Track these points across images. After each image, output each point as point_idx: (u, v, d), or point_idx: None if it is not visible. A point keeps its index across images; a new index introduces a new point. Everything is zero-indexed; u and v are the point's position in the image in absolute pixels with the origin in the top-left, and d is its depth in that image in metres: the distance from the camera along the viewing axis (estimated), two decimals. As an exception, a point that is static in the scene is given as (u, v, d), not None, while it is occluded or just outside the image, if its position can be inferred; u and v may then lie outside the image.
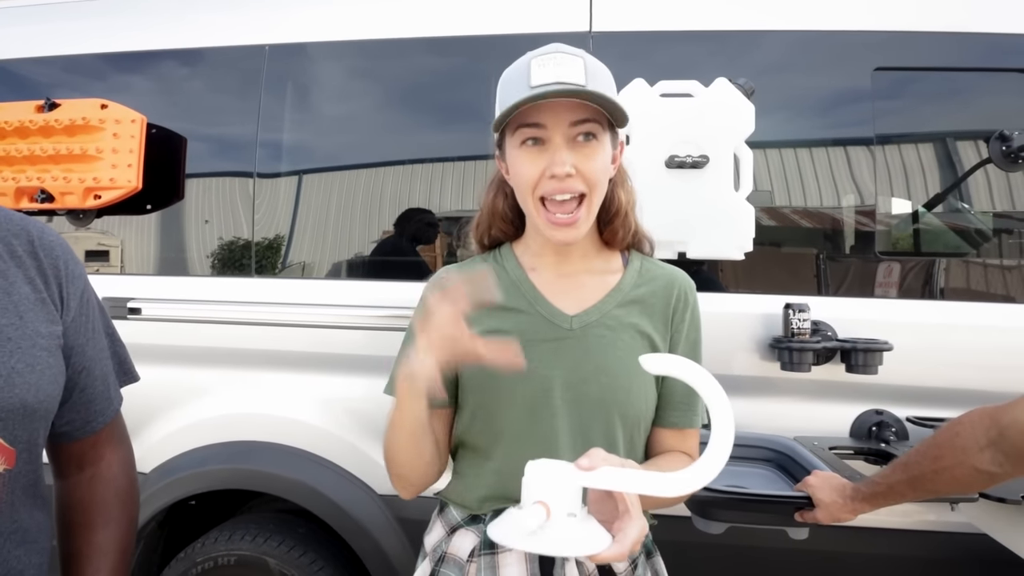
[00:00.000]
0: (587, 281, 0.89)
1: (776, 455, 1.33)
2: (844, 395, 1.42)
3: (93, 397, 0.77)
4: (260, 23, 1.70)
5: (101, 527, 0.77)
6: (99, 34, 1.75)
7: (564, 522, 0.60)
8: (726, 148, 1.38)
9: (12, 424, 0.63)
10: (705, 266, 1.48)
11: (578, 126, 0.79)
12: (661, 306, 0.88)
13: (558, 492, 0.61)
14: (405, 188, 1.65)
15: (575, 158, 0.79)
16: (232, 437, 1.62)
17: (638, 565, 0.86)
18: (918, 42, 1.46)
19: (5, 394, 0.62)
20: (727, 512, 1.14)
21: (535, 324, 0.86)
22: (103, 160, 1.58)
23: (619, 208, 0.89)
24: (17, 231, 0.70)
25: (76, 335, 0.73)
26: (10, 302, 0.66)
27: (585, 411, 0.84)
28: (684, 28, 1.53)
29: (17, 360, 0.64)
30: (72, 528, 0.76)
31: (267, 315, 1.59)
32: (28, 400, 0.64)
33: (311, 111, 1.70)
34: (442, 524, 0.91)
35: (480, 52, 1.60)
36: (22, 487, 0.66)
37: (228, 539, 1.58)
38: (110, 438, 0.81)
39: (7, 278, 0.67)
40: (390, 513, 1.55)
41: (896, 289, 1.46)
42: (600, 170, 0.81)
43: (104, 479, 0.79)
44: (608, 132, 0.83)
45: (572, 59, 0.80)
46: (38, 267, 0.70)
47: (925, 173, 1.49)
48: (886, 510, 1.08)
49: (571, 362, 0.84)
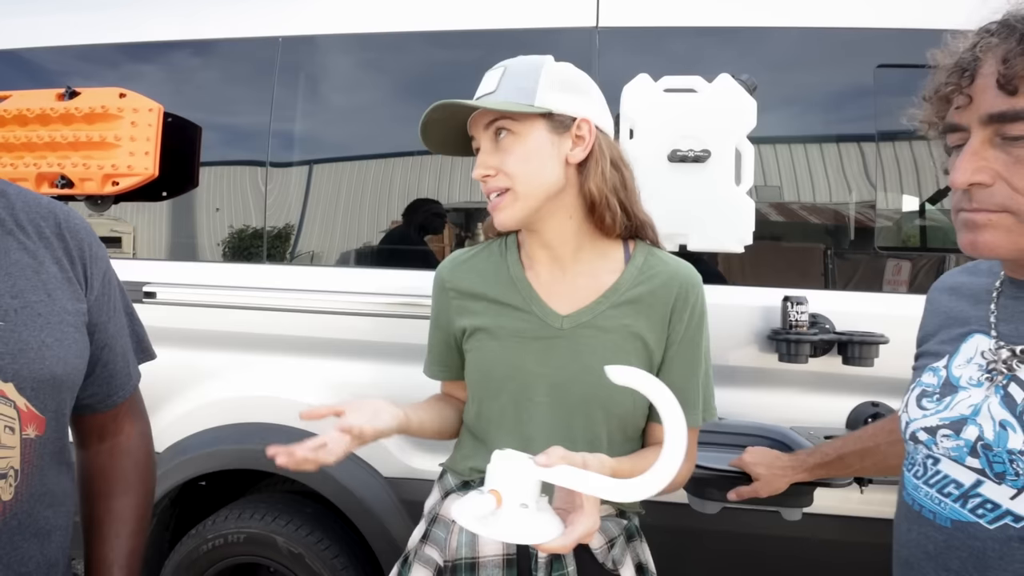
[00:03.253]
0: (583, 281, 0.91)
1: (772, 443, 1.35)
2: (841, 387, 1.45)
3: (114, 372, 0.81)
4: (274, 15, 1.74)
5: (120, 495, 0.81)
6: (119, 24, 1.80)
7: (514, 511, 0.64)
8: (728, 143, 1.40)
9: (42, 394, 0.68)
10: (705, 258, 1.51)
11: (490, 127, 0.87)
12: (659, 305, 0.89)
13: (513, 483, 0.65)
14: (414, 178, 1.69)
15: (495, 157, 0.86)
16: (243, 419, 1.67)
17: (615, 544, 0.91)
18: (920, 40, 1.48)
19: (36, 366, 0.67)
20: (714, 491, 1.17)
21: (528, 322, 0.90)
22: (121, 147, 1.63)
23: (593, 196, 0.87)
24: (45, 214, 0.74)
25: (99, 313, 0.77)
26: (39, 280, 0.70)
27: (569, 409, 0.88)
28: (689, 24, 1.56)
29: (47, 335, 0.68)
30: (93, 495, 0.81)
31: (278, 301, 1.63)
32: (57, 372, 0.69)
33: (323, 102, 1.74)
34: (439, 489, 0.99)
35: (489, 46, 1.63)
36: (50, 453, 0.70)
37: (238, 517, 1.63)
38: (129, 412, 0.86)
39: (36, 258, 0.71)
40: (394, 495, 1.59)
41: (893, 283, 1.48)
42: (519, 161, 0.85)
43: (123, 450, 0.84)
44: (535, 122, 0.85)
45: (493, 71, 0.89)
46: (64, 248, 0.74)
47: (925, 170, 1.52)
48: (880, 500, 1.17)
49: (559, 362, 0.88)
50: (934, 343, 0.77)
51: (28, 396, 0.66)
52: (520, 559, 0.86)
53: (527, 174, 0.85)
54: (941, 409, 0.69)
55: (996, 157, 0.60)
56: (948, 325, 0.76)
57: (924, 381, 0.74)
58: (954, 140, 0.65)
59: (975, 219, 0.62)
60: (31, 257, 0.70)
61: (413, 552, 0.94)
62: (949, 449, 0.67)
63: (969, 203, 0.62)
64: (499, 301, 0.92)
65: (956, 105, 0.63)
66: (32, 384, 0.66)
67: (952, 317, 0.76)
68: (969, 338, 0.71)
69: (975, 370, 0.68)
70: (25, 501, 0.67)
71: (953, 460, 0.67)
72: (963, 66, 0.61)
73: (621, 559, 0.91)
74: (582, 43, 1.58)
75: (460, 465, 0.96)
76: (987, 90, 0.59)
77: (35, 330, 0.67)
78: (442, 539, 0.91)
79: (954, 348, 0.73)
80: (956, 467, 0.66)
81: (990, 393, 0.65)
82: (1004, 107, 0.58)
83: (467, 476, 0.94)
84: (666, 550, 1.10)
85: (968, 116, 0.62)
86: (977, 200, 0.61)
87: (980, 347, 0.69)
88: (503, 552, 0.86)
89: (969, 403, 0.67)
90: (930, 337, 0.79)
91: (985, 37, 0.61)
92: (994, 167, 0.60)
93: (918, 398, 0.73)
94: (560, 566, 0.86)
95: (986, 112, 0.60)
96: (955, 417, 0.67)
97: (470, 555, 0.87)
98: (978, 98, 0.61)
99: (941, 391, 0.71)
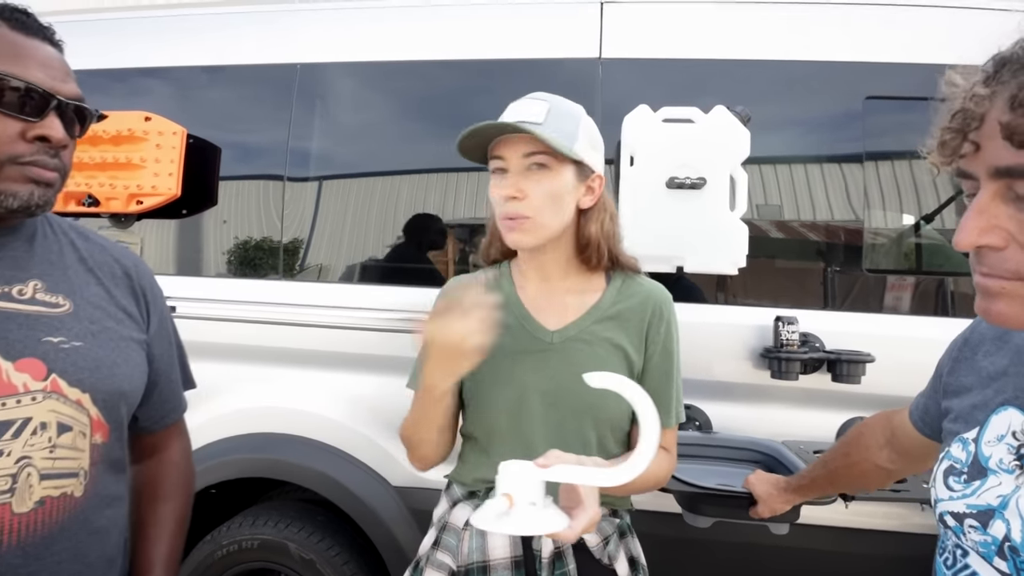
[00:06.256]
0: (570, 300, 1.01)
1: (764, 457, 1.42)
2: (830, 403, 1.51)
3: (167, 398, 0.93)
4: (292, 45, 1.83)
5: (164, 501, 0.92)
6: (148, 49, 1.90)
7: (526, 509, 0.74)
8: (723, 171, 1.49)
9: (110, 406, 0.78)
10: (700, 280, 1.59)
11: (529, 157, 0.92)
12: (636, 320, 0.99)
13: (521, 485, 0.75)
14: (420, 197, 1.77)
15: (525, 183, 0.92)
16: (257, 429, 1.74)
17: (610, 542, 0.99)
18: (905, 73, 1.56)
19: (108, 381, 0.77)
20: (708, 507, 1.25)
21: (521, 338, 0.99)
22: (146, 168, 1.71)
23: (589, 240, 0.98)
24: (118, 256, 0.87)
25: (156, 345, 0.89)
26: (115, 310, 0.82)
27: (562, 416, 0.96)
28: (687, 56, 1.64)
29: (118, 355, 0.79)
30: (141, 501, 0.91)
31: (293, 316, 1.71)
32: (124, 388, 0.80)
33: (338, 125, 1.83)
34: (447, 499, 1.06)
35: (497, 75, 1.72)
36: (111, 459, 0.80)
37: (252, 524, 1.69)
38: (176, 432, 0.97)
39: (109, 292, 0.83)
40: (403, 503, 1.66)
41: (881, 303, 1.56)
42: (546, 195, 0.92)
43: (169, 464, 0.95)
44: (568, 165, 0.93)
45: (538, 103, 0.94)
46: (130, 287, 0.86)
47: (911, 195, 1.59)
48: (870, 512, 1.24)
49: (551, 372, 0.96)
50: (966, 404, 0.71)
51: (99, 407, 0.76)
52: (526, 560, 0.94)
53: (550, 210, 0.93)
54: (969, 494, 0.63)
55: (1009, 215, 0.51)
56: (982, 385, 0.69)
57: (953, 454, 0.68)
58: (968, 187, 0.56)
59: (988, 286, 0.54)
60: (105, 291, 0.83)
61: (424, 558, 1.01)
62: (977, 544, 0.61)
63: (980, 266, 0.54)
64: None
65: (962, 153, 0.54)
66: (103, 397, 0.76)
67: (989, 376, 0.69)
68: (1001, 410, 0.64)
69: (1005, 452, 0.62)
70: (92, 498, 0.76)
71: (982, 557, 0.61)
72: (968, 108, 0.53)
73: (615, 554, 0.99)
74: (586, 73, 1.66)
75: (465, 477, 1.03)
76: (994, 138, 0.51)
77: (108, 351, 0.78)
78: (453, 545, 0.97)
79: (984, 418, 0.66)
80: (985, 565, 0.61)
81: (1020, 484, 0.59)
82: (1011, 161, 0.50)
83: (472, 487, 1.02)
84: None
85: (976, 165, 0.53)
86: (988, 264, 0.53)
87: (1012, 425, 0.62)
88: (511, 555, 0.94)
89: (998, 493, 0.60)
90: (963, 392, 0.72)
91: (995, 72, 0.52)
92: (1006, 227, 0.51)
93: (945, 474, 0.67)
94: (562, 564, 0.94)
95: (993, 165, 0.51)
96: (983, 506, 0.61)
97: (481, 559, 0.94)
98: (985, 145, 0.52)
99: (969, 471, 0.64)
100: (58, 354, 0.73)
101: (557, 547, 0.94)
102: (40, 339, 0.72)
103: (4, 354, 0.69)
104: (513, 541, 0.94)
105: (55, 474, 0.71)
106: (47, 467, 0.70)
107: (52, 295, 0.76)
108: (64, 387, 0.72)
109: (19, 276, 0.74)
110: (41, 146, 0.71)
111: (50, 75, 0.72)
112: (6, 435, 0.68)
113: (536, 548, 0.94)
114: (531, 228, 0.93)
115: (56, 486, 0.71)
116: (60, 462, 0.72)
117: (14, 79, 0.69)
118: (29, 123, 0.70)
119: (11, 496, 0.67)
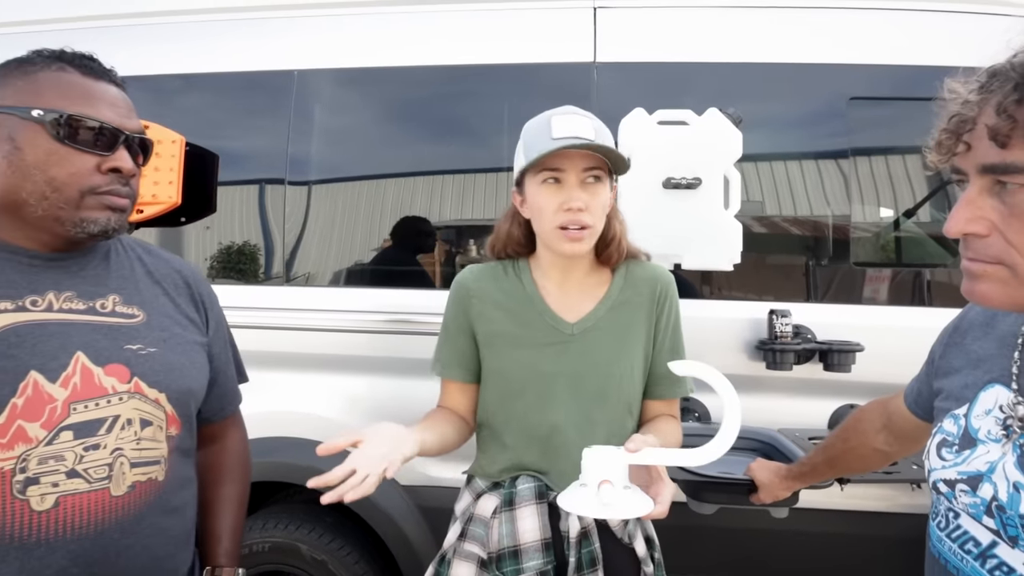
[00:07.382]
0: (583, 293, 1.10)
1: (762, 445, 1.48)
2: (822, 391, 1.58)
3: (225, 392, 1.02)
4: (288, 52, 1.85)
5: (226, 483, 1.02)
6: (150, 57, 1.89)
7: (622, 493, 0.79)
8: (717, 171, 1.54)
9: (181, 403, 0.87)
10: (697, 277, 1.64)
11: (589, 171, 1.00)
12: (645, 303, 1.09)
13: (614, 471, 0.79)
14: (408, 201, 1.80)
15: (585, 195, 0.99)
16: (264, 434, 1.75)
17: (629, 522, 1.06)
18: (887, 74, 1.63)
19: (179, 382, 0.86)
20: (711, 494, 1.30)
21: (544, 331, 1.07)
22: (146, 177, 1.70)
23: (614, 235, 1.09)
24: (179, 267, 0.96)
25: (214, 346, 0.98)
26: (180, 317, 0.92)
27: (585, 400, 1.05)
28: (680, 60, 1.69)
29: (186, 359, 0.89)
30: (206, 484, 0.99)
31: (298, 320, 1.73)
32: (192, 387, 0.89)
33: (334, 131, 1.84)
34: (469, 493, 1.11)
35: (494, 80, 1.75)
36: (183, 448, 0.89)
37: (262, 527, 1.71)
38: (233, 422, 1.07)
39: (175, 302, 0.92)
40: (412, 502, 1.69)
41: (868, 295, 1.63)
42: (602, 206, 1.03)
43: (229, 450, 1.05)
44: (608, 177, 1.04)
45: (584, 119, 1.01)
46: (190, 296, 0.96)
47: (896, 190, 1.66)
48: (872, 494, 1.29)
49: (573, 361, 1.05)
50: (956, 383, 0.77)
51: (173, 404, 0.86)
52: (555, 541, 1.00)
53: (602, 218, 1.04)
54: (959, 462, 0.69)
55: (993, 207, 0.59)
56: (971, 367, 0.75)
57: (945, 428, 0.73)
58: (962, 184, 0.64)
59: (973, 269, 0.61)
60: (171, 301, 0.92)
61: (452, 550, 1.05)
62: (967, 506, 0.66)
63: (967, 251, 0.62)
64: (517, 314, 1.09)
65: (955, 151, 0.62)
66: (176, 395, 0.86)
67: (978, 359, 0.75)
68: (989, 388, 0.70)
69: (993, 423, 0.67)
70: (170, 482, 0.85)
71: (972, 517, 0.66)
72: (962, 113, 0.60)
73: (634, 534, 1.06)
74: (581, 77, 1.70)
75: (489, 468, 1.09)
76: (983, 139, 0.58)
77: (178, 355, 0.88)
78: (482, 535, 1.02)
79: (973, 395, 0.72)
80: (974, 524, 0.66)
81: (1007, 451, 0.65)
82: (996, 159, 0.57)
83: (497, 477, 1.07)
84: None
85: (967, 162, 0.61)
86: (973, 250, 0.61)
87: (999, 400, 0.69)
88: (540, 537, 1.00)
89: (986, 459, 0.66)
90: (953, 373, 0.78)
91: (986, 81, 0.59)
92: (990, 217, 0.59)
93: (938, 447, 0.73)
94: (588, 543, 1.00)
95: (980, 163, 0.59)
96: (972, 472, 0.67)
97: (512, 543, 0.99)
98: (975, 145, 0.59)
99: (960, 442, 0.70)
100: (138, 360, 0.82)
101: (583, 527, 0.99)
102: (122, 347, 0.82)
103: (94, 360, 0.79)
104: (543, 524, 1.00)
105: (142, 462, 0.81)
106: (136, 456, 0.80)
107: (128, 307, 0.86)
108: (145, 388, 0.82)
109: (100, 291, 0.84)
110: (114, 177, 0.80)
111: (118, 113, 0.81)
112: (100, 430, 0.78)
113: (564, 529, 0.99)
114: (590, 237, 1.01)
115: (143, 473, 0.81)
116: (145, 452, 0.82)
117: (89, 119, 0.77)
118: (103, 157, 0.79)
119: (109, 482, 0.78)
